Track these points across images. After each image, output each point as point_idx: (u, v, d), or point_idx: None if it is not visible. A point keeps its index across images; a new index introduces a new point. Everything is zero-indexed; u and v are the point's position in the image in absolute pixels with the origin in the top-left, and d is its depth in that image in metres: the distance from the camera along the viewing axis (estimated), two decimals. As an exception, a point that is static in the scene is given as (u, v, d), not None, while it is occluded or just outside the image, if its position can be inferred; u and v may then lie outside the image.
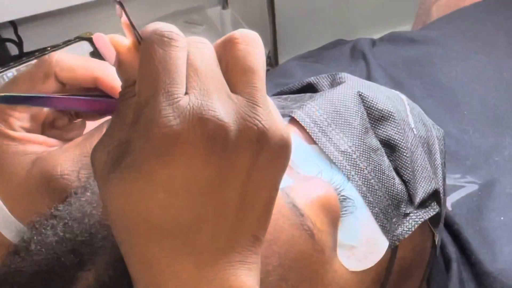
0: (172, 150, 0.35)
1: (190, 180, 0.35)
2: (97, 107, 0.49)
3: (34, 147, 0.48)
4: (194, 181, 0.35)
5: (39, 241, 0.44)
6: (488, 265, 0.57)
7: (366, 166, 0.49)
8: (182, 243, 0.36)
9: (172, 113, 0.35)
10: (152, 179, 0.35)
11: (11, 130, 0.48)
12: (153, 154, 0.35)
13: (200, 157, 0.35)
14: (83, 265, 0.43)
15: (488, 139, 0.74)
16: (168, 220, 0.36)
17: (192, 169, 0.35)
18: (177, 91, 0.35)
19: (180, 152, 0.35)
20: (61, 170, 0.46)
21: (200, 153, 0.35)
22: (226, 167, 0.36)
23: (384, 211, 0.48)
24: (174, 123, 0.34)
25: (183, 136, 0.34)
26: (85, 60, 0.49)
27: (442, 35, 0.90)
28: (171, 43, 0.37)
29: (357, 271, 0.47)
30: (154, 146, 0.35)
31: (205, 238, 0.37)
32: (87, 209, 0.44)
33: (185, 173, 0.35)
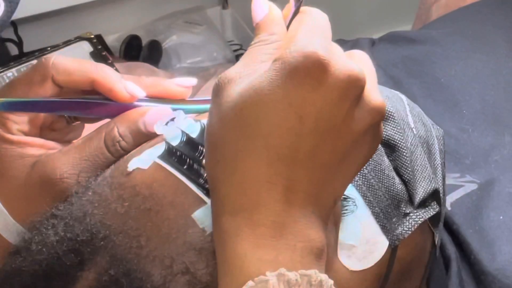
0: (318, 76, 0.37)
1: (322, 114, 0.38)
2: (98, 111, 0.49)
3: (32, 150, 0.48)
4: (324, 116, 0.38)
5: (40, 240, 0.44)
6: (487, 265, 0.57)
7: (367, 166, 0.49)
8: (288, 174, 0.38)
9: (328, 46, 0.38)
10: (289, 96, 0.37)
11: (9, 134, 0.48)
12: (300, 73, 0.37)
13: (338, 95, 0.37)
14: (83, 264, 0.43)
15: (487, 138, 0.74)
16: (287, 144, 0.37)
17: (328, 104, 0.37)
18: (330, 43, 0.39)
19: (325, 81, 0.37)
20: (61, 174, 0.46)
21: (340, 92, 0.37)
22: (351, 117, 0.38)
23: (384, 211, 0.48)
24: (328, 54, 0.38)
25: (333, 68, 0.37)
26: (82, 63, 0.49)
27: (441, 34, 0.90)
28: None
29: (357, 271, 0.47)
30: (305, 66, 0.37)
31: (306, 178, 0.38)
32: (88, 208, 0.44)
33: (321, 104, 0.37)
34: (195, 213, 0.43)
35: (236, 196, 0.38)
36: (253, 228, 0.37)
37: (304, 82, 0.37)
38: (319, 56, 0.37)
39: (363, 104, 0.39)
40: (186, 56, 1.49)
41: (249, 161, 0.38)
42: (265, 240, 0.37)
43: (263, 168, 0.38)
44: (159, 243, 0.43)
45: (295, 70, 0.37)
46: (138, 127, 0.48)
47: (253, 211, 0.37)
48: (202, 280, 0.42)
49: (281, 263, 0.36)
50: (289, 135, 0.37)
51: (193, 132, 0.47)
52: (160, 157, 0.45)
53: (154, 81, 0.50)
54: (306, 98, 0.37)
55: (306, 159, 0.38)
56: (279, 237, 0.37)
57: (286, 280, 0.36)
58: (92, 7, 1.40)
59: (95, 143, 0.47)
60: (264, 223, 0.37)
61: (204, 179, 0.44)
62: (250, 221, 0.37)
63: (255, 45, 0.42)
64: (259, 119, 0.37)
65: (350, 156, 0.40)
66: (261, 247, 0.37)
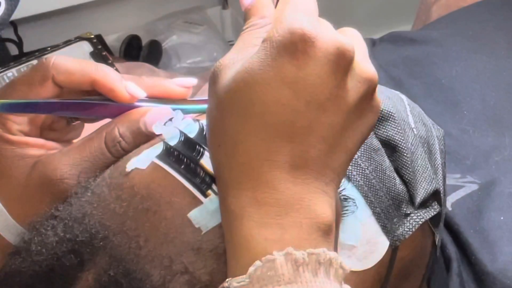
0: (309, 50, 0.38)
1: (315, 87, 0.38)
2: (98, 112, 0.49)
3: (33, 151, 0.48)
4: (317, 89, 0.38)
5: (40, 241, 0.44)
6: (488, 265, 0.57)
7: (368, 166, 0.49)
8: (288, 150, 0.38)
9: (313, 22, 0.38)
10: (281, 73, 0.37)
11: (9, 134, 0.48)
12: (288, 49, 0.38)
13: (329, 67, 0.38)
14: (83, 265, 0.43)
15: (488, 138, 0.74)
16: (283, 120, 0.38)
17: (320, 77, 0.38)
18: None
19: (314, 55, 0.38)
20: (61, 174, 0.46)
21: (330, 64, 0.38)
22: (344, 89, 0.39)
23: (385, 211, 0.48)
24: (314, 29, 0.38)
25: (320, 42, 0.38)
26: (82, 63, 0.49)
27: (442, 35, 0.90)
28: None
29: (357, 271, 0.47)
30: (292, 41, 0.37)
31: (306, 153, 0.38)
32: (87, 209, 0.44)
33: (313, 77, 0.38)
34: (191, 212, 0.43)
35: (239, 177, 0.38)
36: (257, 208, 0.37)
37: (294, 58, 0.38)
38: (305, 31, 0.38)
39: (354, 75, 0.39)
40: (186, 56, 1.49)
41: (248, 141, 0.38)
42: (270, 219, 0.37)
43: (263, 146, 0.38)
44: (157, 243, 0.43)
45: (283, 47, 0.38)
46: (138, 127, 0.48)
47: (256, 190, 0.38)
48: (202, 280, 0.42)
49: (288, 242, 0.36)
50: (285, 111, 0.38)
51: (191, 132, 0.47)
52: (158, 157, 0.45)
53: (154, 82, 0.50)
54: (297, 73, 0.38)
55: (305, 134, 0.38)
56: (284, 215, 0.37)
57: (294, 259, 0.36)
58: (92, 7, 1.40)
59: (95, 143, 0.47)
60: (268, 202, 0.37)
61: (201, 179, 0.44)
62: (254, 201, 0.38)
63: (246, 30, 0.43)
64: (254, 99, 0.38)
65: (348, 129, 0.40)
66: (267, 226, 0.37)
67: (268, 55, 0.38)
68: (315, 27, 0.38)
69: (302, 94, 0.38)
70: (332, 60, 0.38)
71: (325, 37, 0.38)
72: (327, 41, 0.38)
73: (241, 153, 0.38)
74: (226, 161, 0.39)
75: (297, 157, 0.38)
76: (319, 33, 0.38)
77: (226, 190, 0.39)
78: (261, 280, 0.35)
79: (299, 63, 0.38)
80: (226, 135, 0.39)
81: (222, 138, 0.39)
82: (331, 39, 0.38)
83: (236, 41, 0.43)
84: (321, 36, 0.38)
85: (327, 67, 0.38)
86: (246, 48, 0.41)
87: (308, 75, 0.38)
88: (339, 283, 0.37)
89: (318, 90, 0.38)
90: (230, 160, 0.39)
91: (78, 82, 0.48)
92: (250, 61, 0.38)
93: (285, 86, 0.37)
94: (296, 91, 0.38)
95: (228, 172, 0.39)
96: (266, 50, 0.38)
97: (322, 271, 0.36)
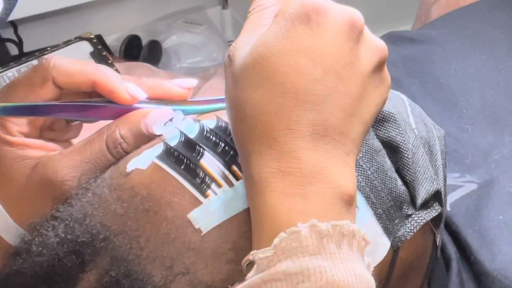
0: (322, 20, 0.39)
1: (331, 55, 0.39)
2: (98, 114, 0.49)
3: (33, 152, 0.48)
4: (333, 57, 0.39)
5: (40, 242, 0.44)
6: (487, 265, 0.57)
7: (369, 167, 0.49)
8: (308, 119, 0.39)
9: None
10: (297, 43, 0.39)
11: (9, 135, 0.48)
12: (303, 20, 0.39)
13: (343, 36, 0.40)
14: (84, 266, 0.43)
15: (487, 137, 0.74)
16: (303, 89, 0.38)
17: (335, 45, 0.39)
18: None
19: (328, 24, 0.39)
20: (62, 176, 0.46)
21: (344, 33, 0.40)
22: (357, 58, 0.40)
23: (387, 212, 0.48)
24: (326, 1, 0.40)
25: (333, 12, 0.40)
26: (83, 64, 0.49)
27: (441, 34, 0.90)
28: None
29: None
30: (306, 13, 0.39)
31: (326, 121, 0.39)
32: (88, 210, 0.44)
33: (328, 46, 0.39)
34: (191, 213, 0.43)
35: (261, 148, 0.39)
36: (281, 178, 0.38)
37: (308, 28, 0.39)
38: (317, 2, 0.39)
39: (366, 44, 0.41)
40: (186, 56, 1.49)
41: (268, 112, 0.39)
42: (293, 189, 0.38)
43: (284, 116, 0.38)
44: (158, 244, 0.43)
45: (297, 19, 0.39)
46: (139, 129, 0.48)
47: (279, 160, 0.38)
48: (203, 280, 0.42)
49: (312, 212, 0.37)
50: (303, 79, 0.39)
51: (192, 132, 0.47)
52: (158, 158, 0.45)
53: (154, 83, 0.50)
54: (313, 42, 0.39)
55: (323, 102, 0.39)
56: (308, 185, 0.38)
57: (318, 231, 0.36)
58: (92, 7, 1.40)
59: (96, 145, 0.47)
60: (291, 172, 0.38)
61: (201, 179, 0.44)
62: (278, 171, 0.38)
63: (253, 11, 0.43)
64: (272, 70, 0.39)
65: (364, 99, 0.41)
66: (291, 197, 0.37)
67: (282, 27, 0.39)
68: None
69: (319, 62, 0.39)
70: (345, 30, 0.40)
71: (336, 8, 0.40)
72: (339, 11, 0.40)
73: (262, 124, 0.39)
74: (248, 134, 0.40)
75: (317, 126, 0.39)
76: (330, 4, 0.40)
77: (249, 162, 0.39)
78: (286, 251, 0.36)
79: (314, 33, 0.39)
80: (247, 108, 0.39)
81: (243, 112, 0.40)
82: (342, 9, 0.40)
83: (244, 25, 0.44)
84: (333, 6, 0.40)
85: (341, 36, 0.39)
86: (256, 29, 0.42)
87: (323, 44, 0.39)
88: (361, 255, 0.38)
89: (334, 58, 0.39)
90: (252, 132, 0.39)
91: (78, 83, 0.48)
92: (265, 36, 0.39)
93: (302, 55, 0.39)
94: (313, 59, 0.39)
95: (252, 144, 0.39)
96: (279, 23, 0.39)
97: (345, 243, 0.37)
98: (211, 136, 0.46)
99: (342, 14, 0.40)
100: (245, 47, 0.41)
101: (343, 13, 0.40)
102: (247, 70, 0.40)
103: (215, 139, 0.46)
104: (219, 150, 0.46)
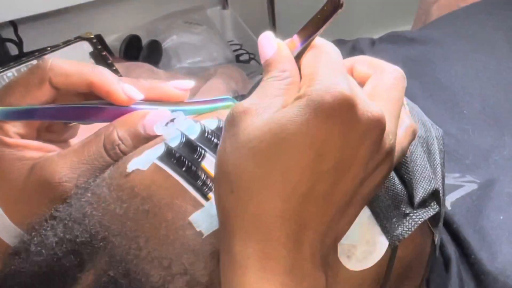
0: (344, 118, 0.37)
1: (342, 153, 0.38)
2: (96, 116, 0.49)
3: (30, 153, 0.48)
4: (343, 156, 0.38)
5: (39, 242, 0.44)
6: (487, 265, 0.57)
7: None
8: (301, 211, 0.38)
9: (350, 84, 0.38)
10: (310, 134, 0.37)
11: (6, 137, 0.48)
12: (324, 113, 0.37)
13: (359, 137, 0.38)
14: (83, 266, 0.43)
15: (487, 138, 0.74)
16: (304, 182, 0.38)
17: (348, 144, 0.38)
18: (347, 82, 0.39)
19: (348, 122, 0.37)
20: (59, 177, 0.46)
21: (361, 134, 0.38)
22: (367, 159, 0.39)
23: (384, 211, 0.48)
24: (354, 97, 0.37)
25: (359, 112, 0.38)
26: (79, 65, 0.49)
27: (441, 34, 0.90)
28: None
29: (357, 271, 0.47)
30: (331, 106, 0.37)
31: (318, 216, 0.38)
32: (87, 209, 0.44)
33: (342, 144, 0.38)
34: (192, 216, 0.43)
35: (249, 227, 0.38)
36: (263, 262, 0.38)
37: (329, 122, 0.37)
38: (347, 97, 0.37)
39: (381, 145, 0.40)
40: (186, 56, 1.49)
41: (265, 194, 0.38)
42: (273, 275, 0.38)
43: (278, 202, 0.38)
44: (157, 245, 0.43)
45: (321, 109, 0.37)
46: (137, 130, 0.48)
47: (265, 244, 0.38)
48: (201, 281, 0.42)
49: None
50: (307, 172, 0.38)
51: (193, 133, 0.47)
52: (159, 159, 0.45)
53: (152, 84, 0.50)
54: (328, 137, 0.37)
55: (320, 198, 0.38)
56: (288, 274, 0.38)
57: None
58: (92, 7, 1.40)
59: (94, 146, 0.47)
60: (275, 258, 0.38)
61: (202, 181, 0.44)
62: (261, 254, 0.38)
63: (267, 80, 0.42)
64: (279, 154, 0.37)
65: (358, 194, 0.40)
66: (269, 281, 0.37)
67: (302, 113, 0.37)
68: (354, 93, 0.38)
69: (327, 159, 0.38)
70: (364, 131, 0.38)
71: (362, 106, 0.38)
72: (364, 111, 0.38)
73: (255, 203, 0.38)
74: (236, 208, 0.39)
75: (308, 219, 0.38)
76: (357, 100, 0.38)
77: (233, 237, 0.39)
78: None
79: (332, 128, 0.37)
80: (242, 182, 0.38)
81: (236, 184, 0.38)
82: (367, 109, 0.38)
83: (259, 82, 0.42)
84: (360, 104, 0.38)
85: (358, 137, 0.38)
86: (267, 97, 0.40)
87: (338, 141, 0.38)
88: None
89: (344, 157, 0.38)
90: (242, 209, 0.38)
91: (75, 84, 0.48)
92: (282, 115, 0.38)
93: (313, 148, 0.37)
94: (322, 155, 0.37)
95: (238, 220, 0.39)
96: (301, 107, 0.37)
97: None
98: (213, 137, 0.46)
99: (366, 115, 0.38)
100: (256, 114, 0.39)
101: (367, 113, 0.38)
102: (254, 144, 0.38)
103: (217, 140, 0.46)
104: None
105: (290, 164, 0.37)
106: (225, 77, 1.23)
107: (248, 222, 0.38)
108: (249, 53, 1.59)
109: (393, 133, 0.41)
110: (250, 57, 1.59)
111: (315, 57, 0.41)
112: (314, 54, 0.41)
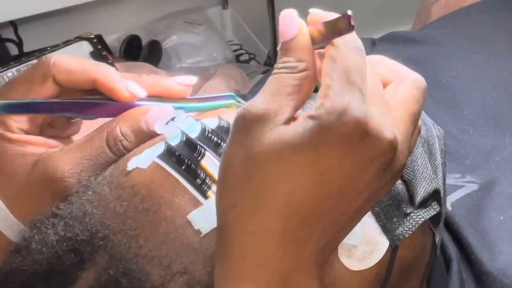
0: (352, 145, 0.36)
1: (347, 179, 0.37)
2: (99, 112, 0.49)
3: (33, 149, 0.48)
4: (348, 181, 0.37)
5: (40, 240, 0.44)
6: (488, 265, 0.57)
7: None
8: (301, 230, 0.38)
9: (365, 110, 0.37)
10: (317, 158, 0.37)
11: (9, 132, 0.48)
12: (334, 138, 0.36)
13: (366, 163, 0.37)
14: (83, 264, 0.43)
15: (488, 138, 0.74)
16: (306, 203, 0.38)
17: (354, 171, 0.37)
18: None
19: (357, 150, 0.37)
20: (62, 173, 0.46)
21: (369, 161, 0.37)
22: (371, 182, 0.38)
23: (385, 211, 0.48)
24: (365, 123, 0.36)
25: (369, 139, 0.36)
26: (83, 62, 0.49)
27: (442, 35, 0.90)
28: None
29: (357, 271, 0.47)
30: (340, 133, 0.36)
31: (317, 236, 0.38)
32: (88, 208, 0.44)
33: (348, 170, 0.37)
34: (191, 214, 0.43)
35: (247, 243, 0.38)
36: (260, 277, 0.38)
37: (337, 149, 0.37)
38: (359, 125, 0.36)
39: (390, 166, 0.39)
40: (186, 56, 1.49)
41: (267, 212, 0.38)
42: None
43: (280, 222, 0.38)
44: (157, 243, 0.43)
45: (331, 137, 0.36)
46: (140, 126, 0.48)
47: (263, 260, 0.38)
48: (201, 280, 0.42)
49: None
50: (310, 195, 0.37)
51: (193, 132, 0.47)
52: (159, 157, 0.45)
53: (154, 80, 0.50)
54: (335, 163, 0.37)
55: (321, 219, 0.38)
56: (282, 285, 0.38)
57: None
58: (92, 7, 1.40)
59: (97, 142, 0.47)
60: (272, 274, 0.38)
61: (202, 180, 0.44)
62: (258, 270, 0.38)
63: (281, 70, 0.39)
64: (284, 175, 0.37)
65: (357, 213, 0.40)
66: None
67: (311, 136, 0.37)
68: (366, 116, 0.36)
69: (332, 184, 0.37)
70: (372, 157, 0.37)
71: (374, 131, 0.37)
72: (374, 138, 0.37)
73: (256, 220, 0.38)
74: (237, 223, 0.38)
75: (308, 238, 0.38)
76: (369, 125, 0.36)
77: (231, 250, 0.39)
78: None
79: (340, 155, 0.37)
80: (246, 198, 0.38)
81: (239, 199, 0.38)
82: (378, 135, 0.37)
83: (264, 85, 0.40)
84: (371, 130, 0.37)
85: (365, 163, 0.37)
86: (280, 96, 0.38)
87: (344, 167, 0.37)
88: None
89: (349, 183, 0.38)
90: (243, 225, 0.38)
91: (79, 81, 0.48)
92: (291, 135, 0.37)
93: (319, 172, 0.37)
94: (327, 180, 0.37)
95: (237, 235, 0.38)
96: (310, 130, 0.36)
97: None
98: (213, 136, 0.46)
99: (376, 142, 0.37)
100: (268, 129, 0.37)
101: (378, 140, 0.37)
102: (260, 161, 0.37)
103: (217, 139, 0.46)
104: (220, 150, 0.45)
105: (294, 186, 0.37)
106: (225, 77, 1.23)
107: (247, 238, 0.38)
108: (249, 53, 1.59)
109: (404, 153, 0.40)
110: (250, 57, 1.59)
111: (333, 63, 0.39)
112: (332, 59, 0.39)
